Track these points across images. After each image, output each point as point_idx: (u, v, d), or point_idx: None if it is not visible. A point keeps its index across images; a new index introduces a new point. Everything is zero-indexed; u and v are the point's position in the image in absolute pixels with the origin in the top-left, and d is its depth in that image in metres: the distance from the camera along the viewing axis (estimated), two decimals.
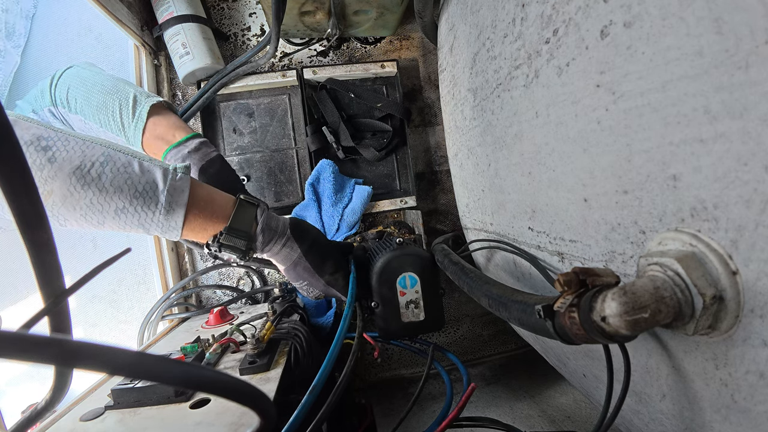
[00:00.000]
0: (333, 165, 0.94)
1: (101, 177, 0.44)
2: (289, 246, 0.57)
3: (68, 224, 0.46)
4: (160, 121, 0.62)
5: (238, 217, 0.53)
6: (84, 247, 1.01)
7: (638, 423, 0.42)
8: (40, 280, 0.23)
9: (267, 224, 0.55)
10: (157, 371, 0.18)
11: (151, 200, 0.46)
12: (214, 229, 0.52)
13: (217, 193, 0.54)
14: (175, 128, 0.62)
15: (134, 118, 0.61)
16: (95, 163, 0.44)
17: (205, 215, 0.51)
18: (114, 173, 0.45)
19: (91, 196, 0.44)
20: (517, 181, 0.54)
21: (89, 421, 0.47)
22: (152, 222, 0.47)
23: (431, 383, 1.01)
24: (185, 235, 0.51)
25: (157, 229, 0.49)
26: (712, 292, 0.26)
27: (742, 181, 0.24)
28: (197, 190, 0.51)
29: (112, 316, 1.01)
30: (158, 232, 0.49)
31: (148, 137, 0.62)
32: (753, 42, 0.22)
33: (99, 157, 0.45)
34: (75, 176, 0.43)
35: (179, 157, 0.61)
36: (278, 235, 0.56)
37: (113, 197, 0.45)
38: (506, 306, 0.39)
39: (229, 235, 0.51)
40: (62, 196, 0.43)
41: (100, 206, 0.45)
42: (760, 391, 0.26)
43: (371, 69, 1.02)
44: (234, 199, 0.55)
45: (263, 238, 0.55)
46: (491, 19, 0.55)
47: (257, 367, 0.55)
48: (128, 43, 0.93)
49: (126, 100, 0.61)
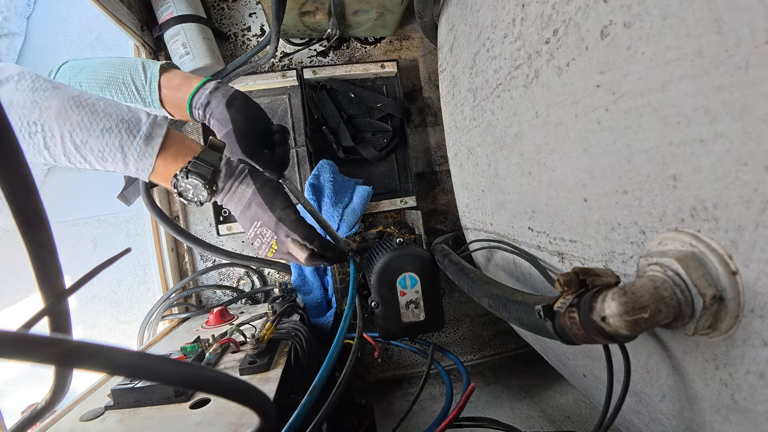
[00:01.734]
0: (333, 165, 0.94)
1: (95, 105, 0.52)
2: (246, 183, 0.59)
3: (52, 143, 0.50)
4: (172, 76, 0.65)
5: (206, 151, 0.57)
6: (84, 247, 1.01)
7: (638, 423, 0.42)
8: (40, 280, 0.23)
9: (228, 161, 0.59)
10: (157, 371, 0.18)
11: (134, 127, 0.52)
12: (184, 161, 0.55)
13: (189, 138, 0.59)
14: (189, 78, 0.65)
15: (147, 79, 0.63)
16: (92, 96, 0.53)
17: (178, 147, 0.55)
18: (106, 104, 0.52)
19: (83, 115, 0.51)
20: (517, 181, 0.54)
21: (89, 421, 0.47)
22: (131, 145, 0.52)
23: (431, 383, 1.01)
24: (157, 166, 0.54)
25: (134, 154, 0.52)
26: (712, 292, 0.26)
27: (742, 181, 0.24)
28: (173, 131, 0.56)
29: (112, 316, 1.01)
30: (134, 157, 0.52)
31: (165, 93, 0.64)
32: (753, 42, 0.22)
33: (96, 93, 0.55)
34: (73, 99, 0.51)
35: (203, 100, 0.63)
36: (238, 172, 0.59)
37: (102, 118, 0.51)
38: (506, 306, 0.39)
39: (197, 161, 0.55)
40: (57, 110, 0.49)
41: (88, 124, 0.51)
42: (760, 391, 0.26)
43: (371, 69, 1.02)
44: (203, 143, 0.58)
45: (225, 170, 0.58)
46: (491, 19, 0.55)
47: (257, 367, 0.55)
48: (128, 43, 0.93)
49: (135, 67, 0.64)
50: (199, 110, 0.62)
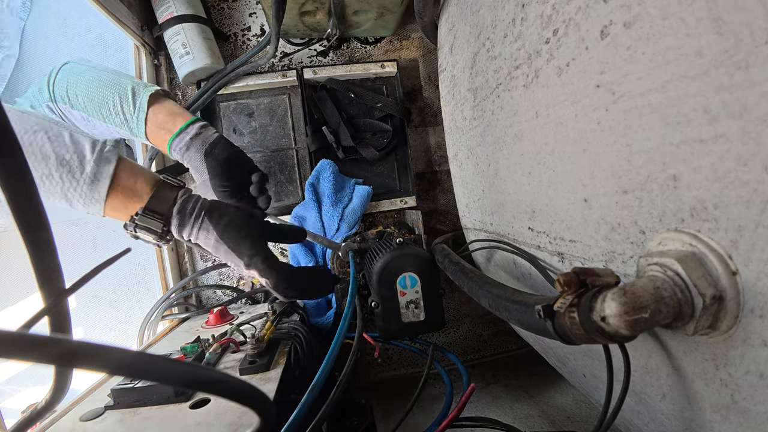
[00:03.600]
0: (333, 165, 0.94)
1: (31, 144, 0.45)
2: (206, 228, 0.54)
3: None
4: (159, 110, 0.62)
5: (157, 196, 0.52)
6: (84, 247, 1.01)
7: (638, 423, 0.42)
8: (40, 280, 0.23)
9: (183, 206, 0.53)
10: (157, 371, 0.18)
11: (76, 169, 0.47)
12: (134, 208, 0.51)
13: (142, 172, 0.53)
14: (174, 115, 0.62)
15: (135, 110, 0.61)
16: (28, 131, 0.46)
17: (127, 192, 0.50)
18: (43, 140, 0.46)
19: None
20: (517, 181, 0.54)
21: (89, 421, 0.47)
22: (75, 192, 0.47)
23: (431, 383, 1.01)
24: (108, 211, 0.50)
25: (79, 200, 0.48)
26: (712, 292, 0.26)
27: (742, 181, 0.24)
28: (124, 164, 0.51)
29: (112, 316, 1.01)
30: (80, 204, 0.48)
31: (150, 128, 0.62)
32: (753, 42, 0.22)
33: (32, 126, 0.46)
34: None
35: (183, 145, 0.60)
36: (194, 218, 0.53)
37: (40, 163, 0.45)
38: (506, 306, 0.39)
39: (144, 215, 0.50)
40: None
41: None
42: (760, 391, 0.26)
43: (371, 69, 1.02)
44: (157, 179, 0.54)
45: (177, 220, 0.53)
46: (491, 19, 0.55)
47: (257, 367, 0.55)
48: (128, 43, 0.93)
49: (125, 93, 0.61)
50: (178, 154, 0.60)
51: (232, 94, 0.97)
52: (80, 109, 0.62)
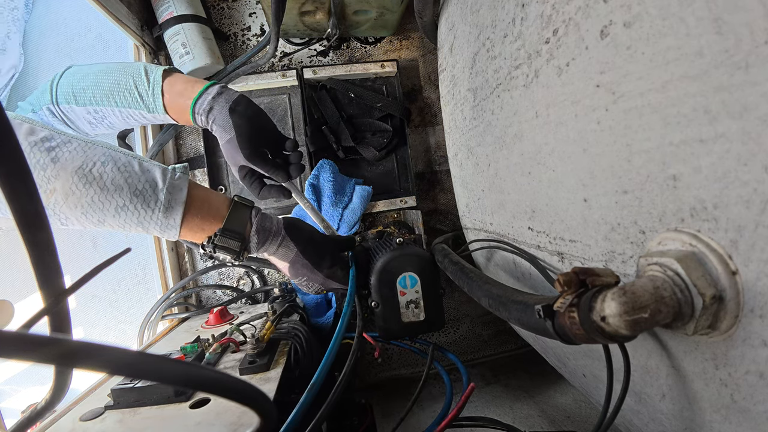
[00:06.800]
0: (333, 165, 0.94)
1: (102, 176, 0.46)
2: (285, 245, 0.58)
3: (69, 223, 0.47)
4: (175, 81, 0.62)
5: (233, 217, 0.54)
6: (84, 247, 1.01)
7: (638, 423, 0.42)
8: (40, 280, 0.23)
9: (261, 225, 0.57)
10: (157, 371, 0.18)
11: (150, 198, 0.48)
12: (210, 229, 0.53)
13: (213, 194, 0.56)
14: (192, 82, 0.63)
15: (150, 85, 0.61)
16: (96, 162, 0.46)
17: (202, 215, 0.53)
18: (114, 172, 0.46)
19: (92, 194, 0.45)
20: (517, 181, 0.54)
21: (89, 421, 0.47)
22: (151, 220, 0.48)
23: (431, 383, 1.01)
24: (183, 235, 0.52)
25: (155, 228, 0.49)
26: (712, 292, 0.26)
27: (742, 181, 0.24)
28: (194, 189, 0.53)
29: (112, 316, 1.01)
30: (157, 230, 0.50)
31: (168, 98, 0.62)
32: (753, 42, 0.22)
33: (100, 157, 0.47)
34: (77, 175, 0.45)
35: (206, 105, 0.60)
36: (273, 236, 0.58)
37: (114, 195, 0.46)
38: (506, 306, 0.39)
39: (223, 236, 0.53)
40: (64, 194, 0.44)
41: (101, 204, 0.46)
42: (760, 391, 0.26)
43: (371, 69, 1.02)
44: (229, 200, 0.56)
45: (258, 239, 0.56)
46: (491, 19, 0.55)
47: (257, 367, 0.55)
48: (128, 43, 0.93)
49: (138, 72, 0.62)
50: (201, 116, 0.61)
51: None
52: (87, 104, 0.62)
